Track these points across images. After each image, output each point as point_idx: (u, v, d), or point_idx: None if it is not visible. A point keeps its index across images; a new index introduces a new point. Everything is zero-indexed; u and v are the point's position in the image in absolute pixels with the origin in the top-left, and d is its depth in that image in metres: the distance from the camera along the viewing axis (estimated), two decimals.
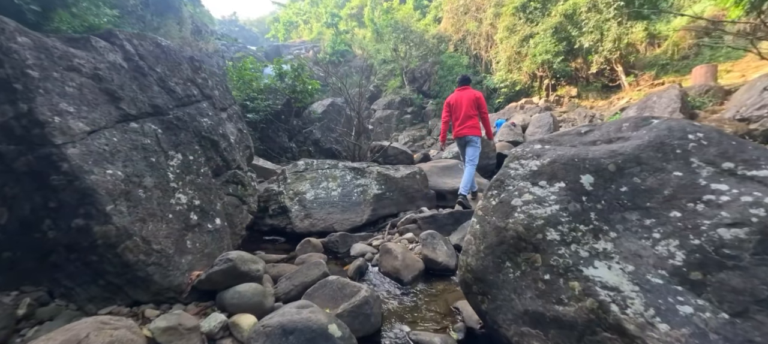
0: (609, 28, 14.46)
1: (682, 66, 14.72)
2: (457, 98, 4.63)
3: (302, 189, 4.19)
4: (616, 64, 14.95)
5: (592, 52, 15.17)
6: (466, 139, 4.56)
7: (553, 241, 1.43)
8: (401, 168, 4.75)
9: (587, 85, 16.19)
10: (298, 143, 8.01)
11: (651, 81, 14.38)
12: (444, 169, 5.82)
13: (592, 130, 1.93)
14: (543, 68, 16.20)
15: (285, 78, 7.58)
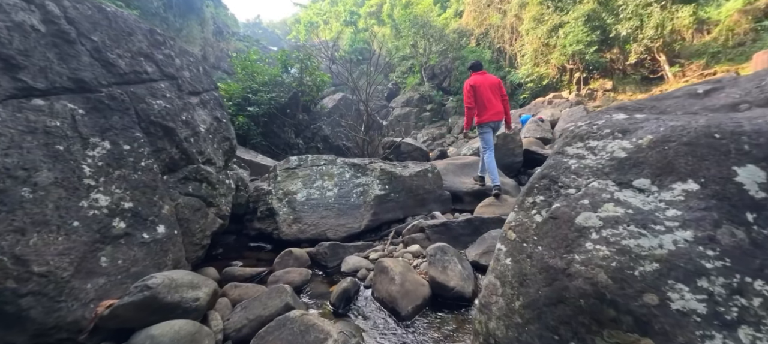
0: (650, 14, 12.93)
1: (737, 54, 12.92)
2: (480, 82, 4.14)
3: (293, 188, 3.53)
4: (658, 53, 13.36)
5: (630, 41, 13.66)
6: (497, 124, 4.25)
7: (687, 315, 0.64)
8: (410, 165, 3.99)
9: (624, 77, 14.64)
10: (305, 139, 7.42)
11: (700, 71, 12.70)
12: (462, 167, 5.00)
13: (719, 87, 1.11)
14: (574, 60, 14.81)
15: (291, 69, 7.01)
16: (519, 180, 6.08)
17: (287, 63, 6.94)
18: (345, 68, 6.22)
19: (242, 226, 3.84)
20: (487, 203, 3.84)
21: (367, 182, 3.56)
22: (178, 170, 2.38)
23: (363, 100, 6.06)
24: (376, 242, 3.25)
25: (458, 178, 4.74)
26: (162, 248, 1.96)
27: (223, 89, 5.91)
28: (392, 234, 3.25)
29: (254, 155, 5.24)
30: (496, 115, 4.15)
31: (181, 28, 17.07)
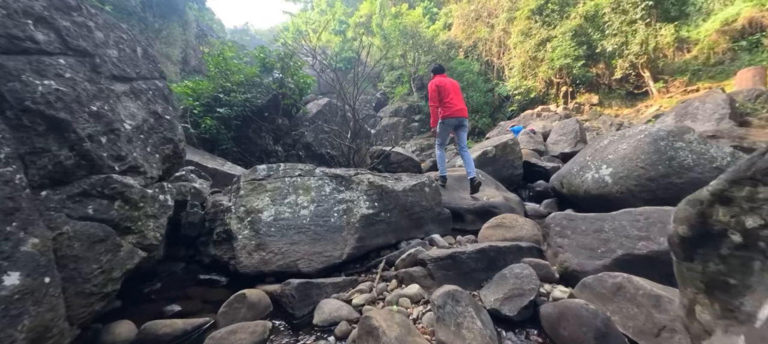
0: (635, 30, 12.91)
1: (717, 72, 13.02)
2: (444, 82, 4.27)
3: (258, 205, 2.76)
4: (642, 69, 13.33)
5: (616, 57, 13.60)
6: (463, 120, 4.31)
7: None
8: (404, 177, 3.29)
9: (610, 91, 14.56)
10: (285, 146, 6.63)
11: (683, 87, 12.69)
12: (460, 179, 4.34)
13: None
14: (561, 74, 14.67)
15: (272, 70, 6.26)
16: (519, 194, 5.47)
17: (267, 62, 6.19)
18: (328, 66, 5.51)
19: (195, 251, 3.03)
20: (493, 224, 3.17)
21: (351, 198, 2.83)
22: (72, 182, 1.59)
23: (350, 104, 5.36)
24: (362, 276, 2.51)
25: (457, 193, 4.07)
26: (7, 312, 1.16)
27: (191, 87, 5.10)
28: (382, 265, 2.52)
29: (221, 163, 4.43)
30: (461, 111, 4.21)
31: (161, 29, 16.03)
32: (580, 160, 4.04)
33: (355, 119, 5.29)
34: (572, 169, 4.08)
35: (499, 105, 17.77)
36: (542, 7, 15.20)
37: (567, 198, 4.21)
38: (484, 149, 5.54)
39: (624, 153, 3.54)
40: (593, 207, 3.87)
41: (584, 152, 4.20)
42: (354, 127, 5.39)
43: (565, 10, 15.02)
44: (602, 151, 3.87)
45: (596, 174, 3.67)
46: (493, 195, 4.00)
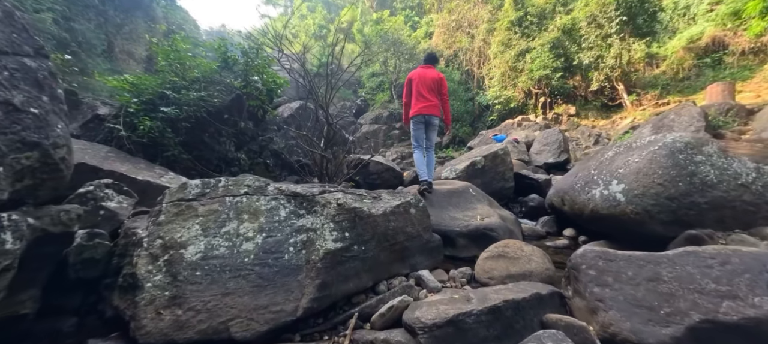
0: (610, 45, 13.04)
1: (685, 86, 13.38)
2: (420, 74, 3.88)
3: (182, 236, 1.96)
4: (617, 82, 13.47)
5: (592, 69, 13.70)
6: (429, 118, 3.83)
7: None
8: (384, 195, 2.58)
9: (586, 103, 14.66)
10: (250, 153, 5.76)
11: (655, 100, 12.90)
12: (450, 195, 3.69)
13: None
14: (539, 85, 14.62)
15: (233, 66, 5.42)
16: (511, 209, 4.91)
17: (229, 58, 5.34)
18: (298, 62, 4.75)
19: (98, 298, 2.17)
20: (494, 254, 2.52)
21: (314, 226, 2.09)
22: None
23: (322, 107, 4.62)
24: (325, 338, 1.76)
25: (446, 212, 3.41)
26: None
27: (130, 82, 4.19)
28: (353, 321, 1.79)
29: (160, 173, 3.54)
30: (427, 108, 3.75)
31: (123, 24, 14.66)
32: (583, 174, 3.51)
33: (328, 124, 4.55)
34: (575, 183, 3.54)
35: (480, 114, 17.58)
36: (521, 19, 15.19)
37: (568, 216, 3.67)
38: (472, 159, 4.95)
39: (637, 167, 3.03)
40: (601, 229, 3.34)
41: (586, 165, 3.68)
42: (328, 133, 4.65)
43: (543, 23, 15.08)
44: (609, 163, 3.35)
45: (605, 191, 3.13)
46: (488, 215, 3.38)
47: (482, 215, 3.40)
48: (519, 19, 15.15)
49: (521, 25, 15.17)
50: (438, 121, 3.85)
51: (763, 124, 8.46)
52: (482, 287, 2.29)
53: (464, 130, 16.79)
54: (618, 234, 3.18)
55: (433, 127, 3.86)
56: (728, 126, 8.87)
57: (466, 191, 3.79)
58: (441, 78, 3.81)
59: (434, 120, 3.82)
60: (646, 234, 2.95)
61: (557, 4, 16.11)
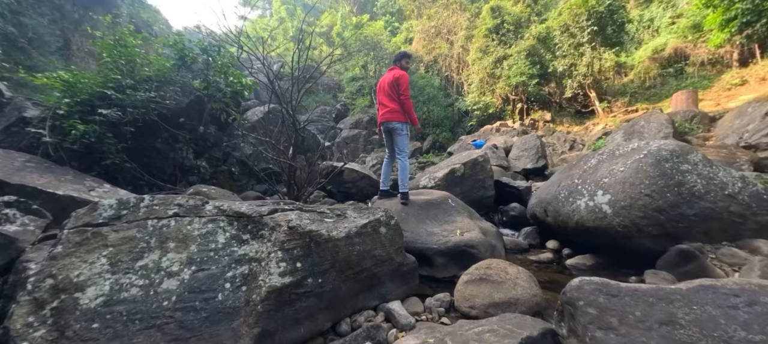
0: (582, 53, 13.35)
1: (651, 95, 13.88)
2: (381, 80, 3.62)
3: (79, 275, 1.50)
4: (589, 89, 13.80)
5: (566, 77, 13.98)
6: (386, 125, 3.53)
7: None
8: (350, 213, 2.20)
9: (560, 109, 14.94)
10: (212, 161, 5.23)
11: (624, 108, 13.30)
12: (427, 206, 3.36)
13: None
14: (517, 91, 14.77)
15: (192, 65, 4.91)
16: (491, 218, 4.67)
17: (187, 55, 4.81)
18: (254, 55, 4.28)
19: None
20: (476, 277, 2.20)
21: (258, 255, 1.68)
22: None
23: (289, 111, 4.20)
24: None
25: (423, 226, 3.08)
26: None
27: (64, 80, 3.62)
28: None
29: (89, 186, 2.99)
30: (384, 115, 3.47)
31: (82, 21, 13.54)
32: (567, 184, 3.29)
33: (295, 129, 4.13)
34: (558, 193, 3.31)
35: (459, 119, 17.59)
36: (498, 26, 15.35)
37: (552, 228, 3.43)
38: (452, 167, 4.68)
39: (623, 176, 2.83)
40: (587, 242, 3.12)
41: (568, 173, 3.47)
42: (296, 139, 4.22)
43: (519, 31, 15.31)
44: (593, 172, 3.14)
45: (591, 202, 2.91)
46: (468, 228, 3.08)
47: (462, 229, 3.09)
48: (496, 27, 15.30)
49: (498, 33, 15.32)
50: (399, 125, 3.40)
51: (725, 130, 8.79)
52: (462, 319, 1.96)
53: (444, 135, 16.72)
54: (604, 247, 2.96)
55: (394, 132, 3.45)
56: (694, 132, 9.17)
57: (445, 202, 3.49)
58: (398, 77, 3.37)
59: (393, 125, 3.42)
60: (634, 248, 2.75)
61: (532, 14, 16.45)
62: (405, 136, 3.48)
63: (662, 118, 9.35)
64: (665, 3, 15.42)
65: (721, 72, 12.79)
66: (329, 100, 21.61)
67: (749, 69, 11.97)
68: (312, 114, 21.98)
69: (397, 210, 3.23)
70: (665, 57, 14.35)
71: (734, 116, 8.79)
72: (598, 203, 2.85)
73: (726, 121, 9.04)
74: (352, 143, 18.01)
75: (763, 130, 7.31)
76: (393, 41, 20.38)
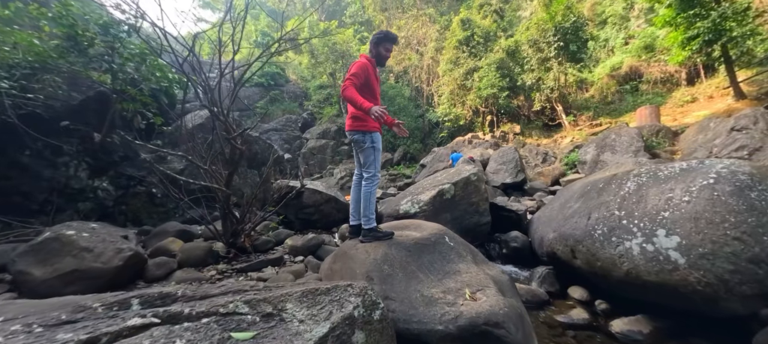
0: (550, 68, 13.38)
1: (612, 109, 14.24)
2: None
3: None
4: (556, 103, 13.86)
5: (534, 90, 13.94)
6: (352, 136, 2.47)
7: None
8: (293, 310, 1.08)
9: (529, 122, 14.89)
10: (120, 181, 3.79)
11: (589, 122, 13.46)
12: (418, 250, 2.31)
13: None
14: (487, 103, 14.49)
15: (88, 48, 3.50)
16: (488, 252, 3.74)
17: (80, 36, 3.39)
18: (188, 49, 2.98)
19: None
20: None
21: None
22: None
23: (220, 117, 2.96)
24: None
25: (416, 285, 2.02)
26: None
27: None
28: None
29: None
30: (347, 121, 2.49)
31: None
32: (602, 215, 2.42)
33: (230, 140, 2.89)
34: (591, 229, 2.43)
35: (430, 130, 17.02)
36: (469, 38, 15.09)
37: (583, 274, 2.54)
38: (440, 188, 3.70)
39: (692, 209, 2.00)
40: (636, 296, 2.27)
41: (598, 200, 2.62)
42: (232, 155, 2.98)
43: (489, 44, 15.16)
44: (638, 201, 2.31)
45: (649, 246, 2.04)
46: (480, 284, 2.07)
47: (471, 286, 2.07)
48: (466, 39, 15.03)
49: (469, 45, 15.06)
50: (360, 135, 2.39)
51: (689, 144, 8.86)
52: None
53: (415, 147, 16.01)
54: (665, 306, 2.11)
55: (356, 145, 2.46)
56: (661, 146, 9.17)
57: (441, 241, 2.46)
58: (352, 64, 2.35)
59: (354, 136, 2.43)
60: (714, 312, 1.92)
61: (498, 29, 16.50)
62: (371, 149, 2.42)
63: (632, 132, 9.30)
64: (618, 25, 16.17)
65: (672, 90, 13.40)
66: (295, 108, 20.13)
67: (696, 87, 12.60)
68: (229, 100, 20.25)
69: (377, 261, 2.14)
70: (622, 74, 14.89)
71: (696, 131, 8.93)
72: (662, 248, 1.99)
73: (688, 135, 9.17)
74: (319, 154, 16.66)
75: (731, 145, 7.31)
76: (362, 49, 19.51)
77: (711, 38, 8.00)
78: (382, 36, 2.51)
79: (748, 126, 7.41)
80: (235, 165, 3.00)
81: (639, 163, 3.28)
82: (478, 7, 17.16)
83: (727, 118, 8.49)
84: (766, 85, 10.12)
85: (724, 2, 8.25)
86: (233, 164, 2.97)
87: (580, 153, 9.79)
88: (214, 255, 2.98)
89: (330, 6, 27.93)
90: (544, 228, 3.14)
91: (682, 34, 8.86)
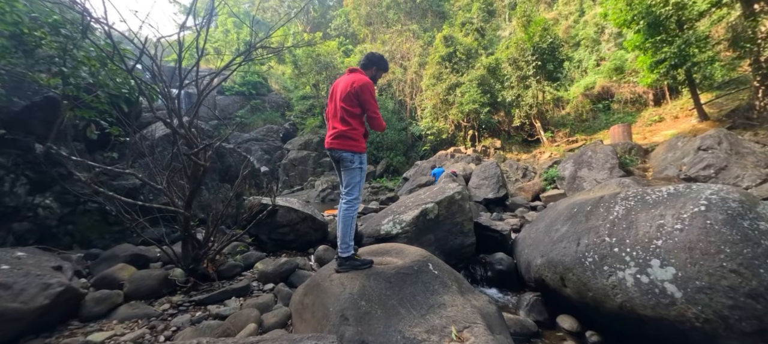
0: (528, 85, 13.76)
1: (587, 127, 14.75)
2: (333, 88, 2.39)
3: None
4: (534, 119, 14.21)
5: (514, 107, 14.26)
6: (333, 154, 2.28)
7: None
8: None
9: (509, 138, 15.17)
10: (65, 198, 3.36)
11: (566, 138, 13.86)
12: (400, 281, 2.08)
13: None
14: (468, 118, 14.68)
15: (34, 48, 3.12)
16: (472, 274, 3.56)
17: (25, 33, 3.01)
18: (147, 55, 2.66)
19: None
20: None
21: None
22: None
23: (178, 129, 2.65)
24: None
25: (398, 324, 1.78)
26: None
27: None
28: None
29: None
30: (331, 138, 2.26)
31: None
32: (592, 242, 2.30)
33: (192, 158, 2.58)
34: (581, 256, 2.30)
35: (413, 144, 17.01)
36: (451, 54, 15.35)
37: (574, 303, 2.39)
38: (423, 207, 3.51)
39: (685, 238, 1.90)
40: (628, 329, 2.13)
41: (587, 225, 2.51)
42: (195, 172, 2.66)
43: (470, 61, 15.48)
44: (628, 227, 2.20)
45: (643, 277, 1.92)
46: (467, 321, 1.86)
47: (458, 322, 1.86)
48: (449, 55, 15.28)
49: (451, 61, 15.31)
50: (350, 155, 2.22)
51: (659, 162, 9.21)
52: None
53: (398, 160, 15.91)
54: (659, 339, 1.98)
55: (343, 162, 2.25)
56: (634, 163, 9.49)
57: (424, 269, 2.25)
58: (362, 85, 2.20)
59: (340, 154, 2.23)
60: None
61: (479, 47, 16.93)
62: (358, 170, 2.26)
63: (607, 149, 9.57)
64: (591, 47, 16.98)
65: (641, 109, 14.06)
66: (277, 118, 19.66)
67: (663, 108, 13.28)
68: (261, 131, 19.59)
69: (353, 296, 1.90)
70: (595, 94, 15.52)
71: (666, 149, 9.31)
72: (657, 279, 1.86)
73: (658, 153, 9.56)
74: (300, 165, 16.23)
75: (699, 164, 7.62)
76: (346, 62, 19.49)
77: (676, 62, 8.44)
78: (384, 65, 2.50)
79: (713, 146, 7.77)
80: (197, 183, 2.68)
81: (623, 184, 3.23)
82: (460, 25, 17.60)
83: (693, 138, 8.92)
84: (725, 107, 10.77)
85: (687, 30, 8.76)
86: (195, 182, 2.66)
87: (559, 169, 9.96)
88: (171, 284, 2.62)
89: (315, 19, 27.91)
90: (531, 252, 3.00)
91: (650, 58, 9.29)
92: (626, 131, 10.84)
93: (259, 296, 2.62)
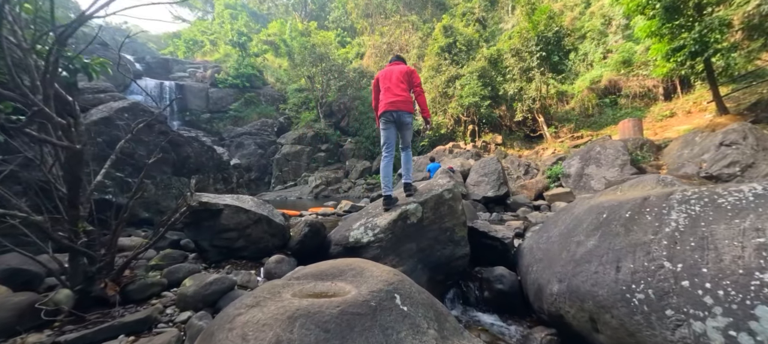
0: (532, 78, 12.88)
1: (592, 122, 13.87)
2: (387, 70, 3.08)
3: None
4: (537, 114, 13.34)
5: (516, 100, 13.38)
6: (399, 115, 2.96)
7: None
8: None
9: (510, 133, 14.31)
10: None
11: (570, 133, 12.99)
12: (346, 329, 1.30)
13: None
14: (468, 112, 13.82)
15: None
16: (465, 295, 2.77)
17: None
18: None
19: None
20: None
21: None
22: None
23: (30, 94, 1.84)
24: None
25: None
26: None
27: None
28: None
29: None
30: (396, 103, 2.90)
31: None
32: (636, 265, 1.50)
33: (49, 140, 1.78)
34: (620, 285, 1.50)
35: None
36: (451, 45, 14.47)
37: None
38: (403, 208, 2.71)
39: None
40: None
41: (627, 236, 1.71)
42: (69, 161, 1.86)
43: (471, 52, 14.59)
44: (704, 247, 1.40)
45: (741, 336, 1.12)
46: None
47: None
48: (448, 46, 14.40)
49: (451, 52, 14.43)
50: (411, 118, 3.03)
51: (674, 159, 8.36)
52: None
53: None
54: None
55: (405, 126, 3.03)
56: (646, 160, 8.63)
57: (386, 306, 1.46)
58: (411, 71, 3.02)
59: (406, 118, 2.99)
60: None
61: (480, 40, 16.03)
62: (412, 129, 3.16)
63: (618, 145, 8.72)
64: (597, 40, 16.03)
65: (650, 104, 13.16)
66: (272, 111, 18.87)
67: (674, 102, 12.37)
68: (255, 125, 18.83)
69: None
70: (601, 88, 14.62)
71: (681, 145, 8.46)
72: None
73: (672, 149, 8.70)
74: (293, 160, 15.45)
75: (721, 161, 6.77)
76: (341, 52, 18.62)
77: (696, 50, 7.55)
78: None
79: (738, 141, 6.89)
80: (75, 176, 1.89)
81: (665, 181, 2.41)
82: (461, 15, 16.69)
83: (712, 132, 8.06)
84: (743, 101, 9.87)
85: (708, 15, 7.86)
86: (72, 174, 1.87)
87: (564, 165, 9.11)
88: (37, 315, 1.84)
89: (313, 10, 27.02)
90: (543, 271, 2.20)
91: (666, 45, 8.40)
92: (637, 126, 9.97)
93: (161, 332, 1.84)
